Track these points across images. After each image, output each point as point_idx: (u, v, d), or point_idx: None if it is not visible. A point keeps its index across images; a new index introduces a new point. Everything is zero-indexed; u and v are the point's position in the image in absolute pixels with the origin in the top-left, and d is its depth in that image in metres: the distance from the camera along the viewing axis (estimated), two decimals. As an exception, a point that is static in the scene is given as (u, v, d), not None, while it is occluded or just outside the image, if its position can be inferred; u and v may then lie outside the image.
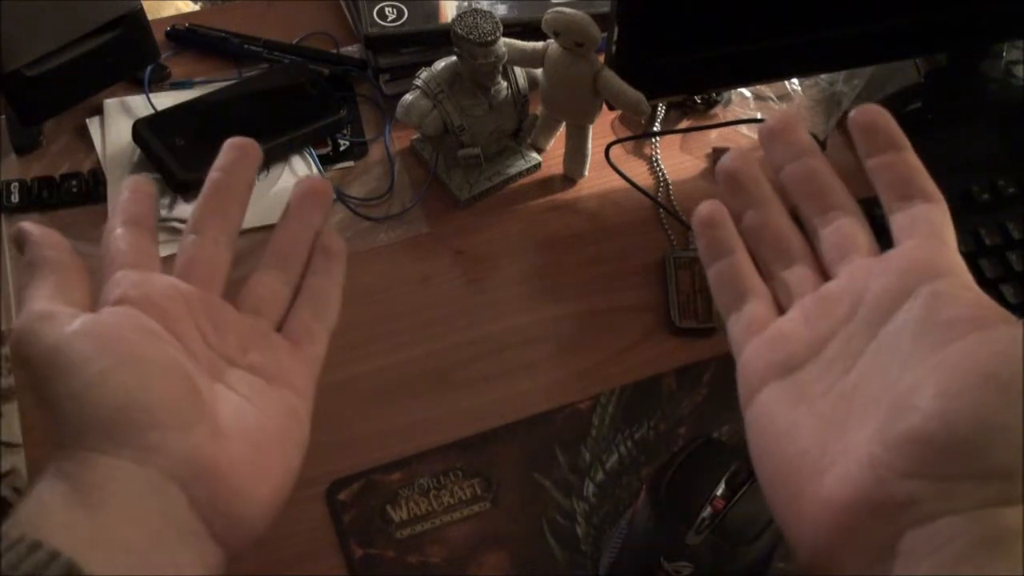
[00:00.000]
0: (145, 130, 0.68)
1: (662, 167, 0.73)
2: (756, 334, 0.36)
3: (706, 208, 0.39)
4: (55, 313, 0.34)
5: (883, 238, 0.36)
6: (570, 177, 0.72)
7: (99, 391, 0.32)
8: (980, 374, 0.29)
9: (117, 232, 0.39)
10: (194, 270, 0.39)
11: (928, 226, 0.35)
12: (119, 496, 0.31)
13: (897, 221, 0.36)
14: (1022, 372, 0.28)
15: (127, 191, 0.40)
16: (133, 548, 0.31)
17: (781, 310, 0.37)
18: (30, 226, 0.38)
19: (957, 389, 0.29)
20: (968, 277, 0.34)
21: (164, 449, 0.32)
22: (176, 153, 0.67)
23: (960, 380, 0.29)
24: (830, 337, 0.34)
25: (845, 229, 0.37)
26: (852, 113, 0.37)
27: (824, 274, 0.37)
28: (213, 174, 0.41)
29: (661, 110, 0.75)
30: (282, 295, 0.41)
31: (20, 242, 0.38)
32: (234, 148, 0.42)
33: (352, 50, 0.78)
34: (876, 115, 0.37)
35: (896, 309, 0.33)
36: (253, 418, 0.37)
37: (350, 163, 0.72)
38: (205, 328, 0.38)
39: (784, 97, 0.77)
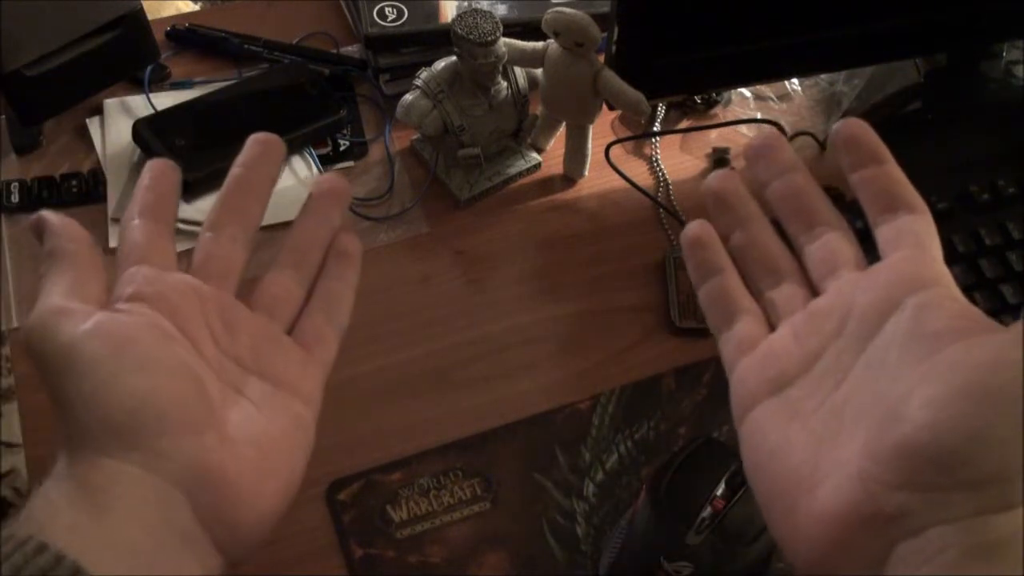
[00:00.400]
0: (145, 130, 0.68)
1: (662, 167, 0.73)
2: (747, 352, 0.36)
3: (694, 228, 0.39)
4: (70, 310, 0.34)
5: (866, 243, 0.36)
6: (570, 177, 0.72)
7: (110, 394, 0.32)
8: (966, 383, 0.29)
9: (134, 223, 0.38)
10: (210, 268, 0.39)
11: (913, 237, 0.35)
12: (124, 500, 0.31)
13: (882, 234, 0.36)
14: (1008, 380, 0.28)
15: (148, 176, 0.39)
16: (137, 552, 0.31)
17: (772, 327, 0.37)
18: (51, 216, 0.37)
19: (944, 399, 0.29)
20: (954, 287, 0.34)
21: (172, 455, 0.32)
22: (176, 153, 0.67)
23: (946, 390, 0.29)
24: (820, 353, 0.34)
25: (831, 244, 0.37)
26: (834, 128, 0.37)
27: (813, 290, 0.37)
28: (235, 170, 0.41)
29: (661, 110, 0.75)
30: (296, 295, 0.41)
31: (39, 231, 0.37)
32: (257, 143, 0.41)
33: (352, 50, 0.78)
34: (858, 129, 0.37)
35: (884, 322, 0.33)
36: (261, 426, 0.36)
37: (350, 163, 0.72)
38: (217, 329, 0.38)
39: (784, 97, 0.77)
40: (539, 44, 0.65)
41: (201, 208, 0.65)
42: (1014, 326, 0.30)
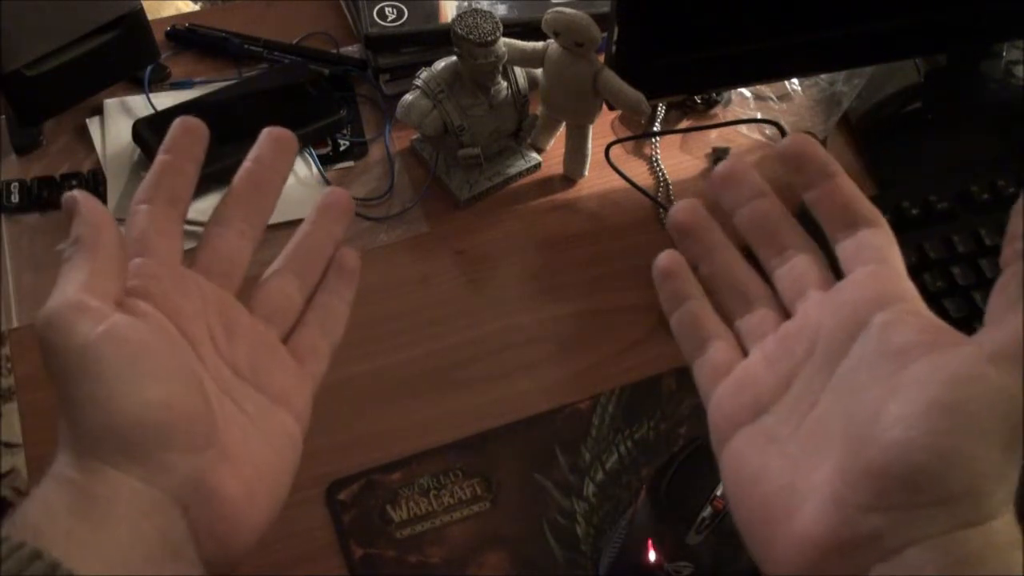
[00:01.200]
0: (145, 130, 0.68)
1: (662, 167, 0.73)
2: (721, 379, 0.36)
3: (663, 260, 0.39)
4: (87, 307, 0.33)
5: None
6: (570, 177, 0.72)
7: (121, 402, 0.32)
8: (932, 400, 0.29)
9: (142, 209, 0.37)
10: (214, 264, 0.39)
11: (874, 252, 0.35)
12: (123, 513, 0.31)
13: (843, 250, 0.36)
14: (972, 394, 0.28)
15: (167, 152, 0.38)
16: (130, 566, 0.31)
17: (744, 353, 0.37)
18: (83, 199, 0.36)
19: (911, 418, 0.29)
20: (918, 300, 0.34)
21: (175, 471, 0.32)
22: (176, 153, 0.67)
23: (913, 408, 0.29)
24: (793, 377, 0.34)
25: (799, 267, 0.37)
26: (780, 146, 0.37)
27: (785, 313, 0.37)
28: (247, 164, 0.40)
29: (661, 110, 0.75)
30: (296, 304, 0.41)
31: (68, 212, 0.36)
32: (271, 139, 0.41)
33: (352, 50, 0.78)
34: (804, 145, 0.36)
35: (851, 343, 0.33)
36: (256, 443, 0.36)
37: (350, 163, 0.72)
38: (217, 333, 0.37)
39: (784, 97, 0.77)
40: (539, 44, 0.65)
41: (200, 208, 0.65)
42: (976, 337, 0.30)
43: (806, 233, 0.38)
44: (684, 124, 0.75)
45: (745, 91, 0.76)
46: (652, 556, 0.45)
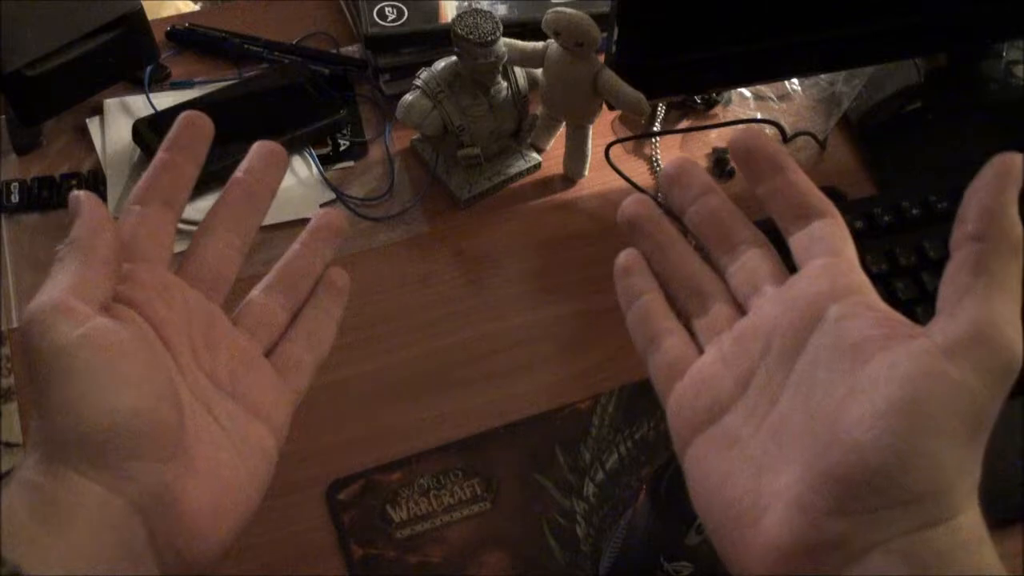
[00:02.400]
0: (145, 130, 0.68)
1: (662, 167, 0.73)
2: (677, 378, 0.36)
3: (622, 257, 0.39)
4: (71, 309, 0.33)
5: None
6: (570, 177, 0.72)
7: (92, 407, 0.31)
8: (887, 401, 0.29)
9: (135, 210, 0.37)
10: (202, 274, 0.39)
11: (825, 244, 0.35)
12: (86, 521, 0.31)
13: (796, 243, 0.35)
14: (929, 392, 0.28)
15: (167, 150, 0.38)
16: (91, 573, 0.31)
17: (701, 349, 0.37)
18: (86, 200, 0.35)
19: (868, 419, 0.29)
20: (871, 291, 0.34)
21: (139, 480, 0.32)
22: (176, 153, 0.67)
23: (869, 409, 0.29)
24: (751, 375, 0.34)
25: (751, 263, 0.37)
26: (730, 142, 0.37)
27: (740, 309, 0.37)
28: (237, 175, 0.41)
29: (661, 110, 0.75)
30: (280, 320, 0.41)
31: (72, 211, 0.36)
32: (262, 152, 0.41)
33: (352, 50, 0.78)
34: (753, 140, 0.36)
35: (807, 338, 0.33)
36: (227, 456, 0.36)
37: (350, 163, 0.72)
38: (199, 343, 0.37)
39: (784, 97, 0.77)
40: (539, 44, 0.65)
41: (200, 208, 0.65)
42: (929, 329, 0.30)
43: (757, 229, 0.38)
44: (684, 124, 0.75)
45: (745, 91, 0.76)
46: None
